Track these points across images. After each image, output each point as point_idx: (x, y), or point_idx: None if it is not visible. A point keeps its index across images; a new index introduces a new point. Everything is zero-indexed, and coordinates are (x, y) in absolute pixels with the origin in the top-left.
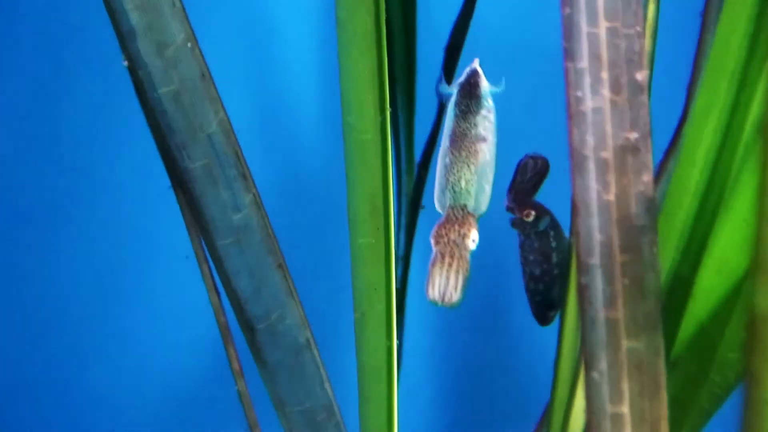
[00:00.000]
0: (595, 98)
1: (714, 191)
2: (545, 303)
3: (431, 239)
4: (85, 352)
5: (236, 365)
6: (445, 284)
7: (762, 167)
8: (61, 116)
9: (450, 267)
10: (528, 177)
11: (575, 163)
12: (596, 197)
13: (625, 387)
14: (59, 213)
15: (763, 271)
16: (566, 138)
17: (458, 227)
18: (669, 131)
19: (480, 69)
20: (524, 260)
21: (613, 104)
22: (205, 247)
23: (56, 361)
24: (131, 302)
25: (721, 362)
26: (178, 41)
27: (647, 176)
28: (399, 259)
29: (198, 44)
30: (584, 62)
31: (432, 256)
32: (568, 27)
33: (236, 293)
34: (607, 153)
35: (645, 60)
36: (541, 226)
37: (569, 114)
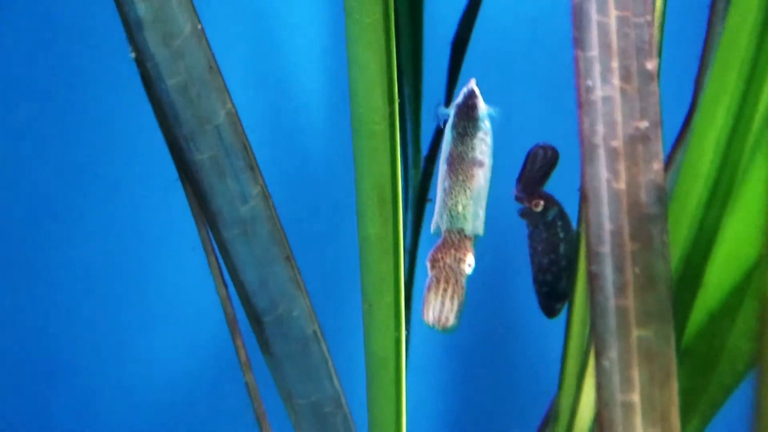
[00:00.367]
0: (605, 87)
1: (724, 180)
2: (553, 294)
3: (427, 263)
4: (91, 343)
5: (243, 356)
6: (441, 309)
7: None
8: (68, 108)
9: (445, 292)
10: (537, 167)
11: (585, 152)
12: (606, 186)
13: (636, 375)
14: (65, 205)
15: None
16: (576, 129)
17: (454, 251)
18: (678, 121)
19: (477, 89)
20: (532, 251)
21: (623, 93)
22: (212, 239)
23: (62, 351)
24: (137, 294)
25: (732, 352)
26: (186, 32)
27: (657, 165)
28: (406, 253)
29: (206, 35)
30: (594, 51)
31: (428, 281)
32: (578, 16)
33: (243, 285)
34: (617, 142)
35: (655, 49)
36: (550, 217)
37: (579, 103)
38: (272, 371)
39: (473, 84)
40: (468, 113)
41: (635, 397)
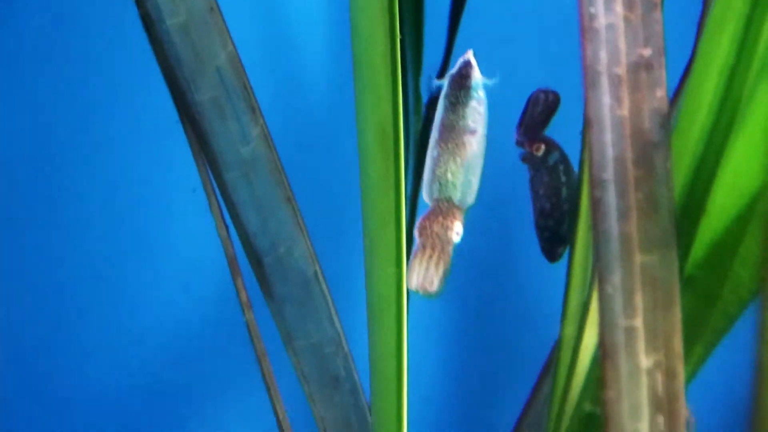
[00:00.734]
0: (609, 15)
1: (728, 107)
2: (554, 239)
3: (415, 231)
4: (92, 284)
5: (244, 296)
6: (424, 275)
7: None
8: (67, 49)
9: (430, 259)
10: (539, 111)
11: (588, 79)
12: (609, 112)
13: (639, 301)
14: (64, 147)
15: None
16: (578, 76)
17: (442, 219)
18: (686, 52)
19: (473, 60)
20: (534, 195)
21: (627, 21)
22: (213, 180)
23: (63, 293)
24: (138, 234)
25: (735, 280)
26: None
27: (661, 92)
28: (407, 200)
29: None
30: None
31: (414, 247)
32: None
33: (244, 226)
34: (621, 69)
35: None
36: (551, 161)
37: (582, 30)
38: (273, 312)
39: (470, 54)
40: (461, 82)
41: (638, 323)
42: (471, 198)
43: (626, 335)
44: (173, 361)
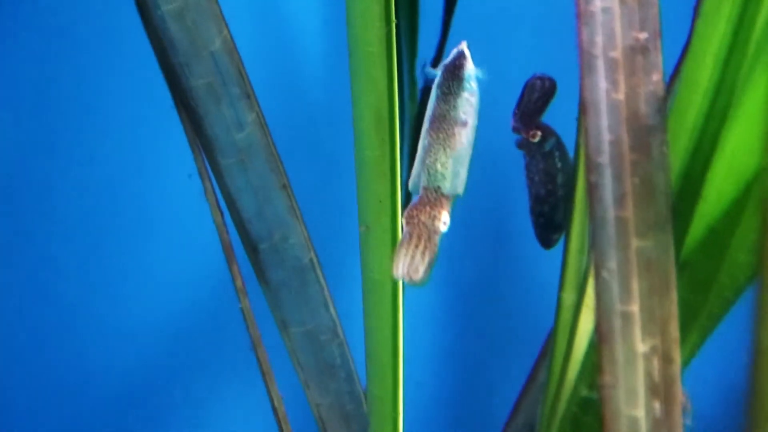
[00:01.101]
0: None
1: (725, 90)
2: (549, 225)
3: (403, 220)
4: (87, 270)
5: (239, 283)
6: (410, 263)
7: None
8: (62, 35)
9: (416, 248)
10: (535, 97)
11: (584, 63)
12: (605, 96)
13: (635, 286)
14: (60, 132)
15: None
16: (574, 62)
17: (430, 209)
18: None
19: (467, 51)
20: (529, 181)
21: (623, 4)
22: (209, 166)
23: (59, 278)
24: (133, 221)
25: (731, 264)
26: None
27: (657, 76)
28: (403, 184)
29: None
30: None
31: (401, 236)
32: None
33: (239, 213)
34: (617, 53)
35: None
36: (547, 147)
37: (578, 13)
38: (268, 299)
39: (464, 46)
40: (454, 73)
41: (634, 308)
42: (459, 188)
43: (623, 320)
44: (169, 348)
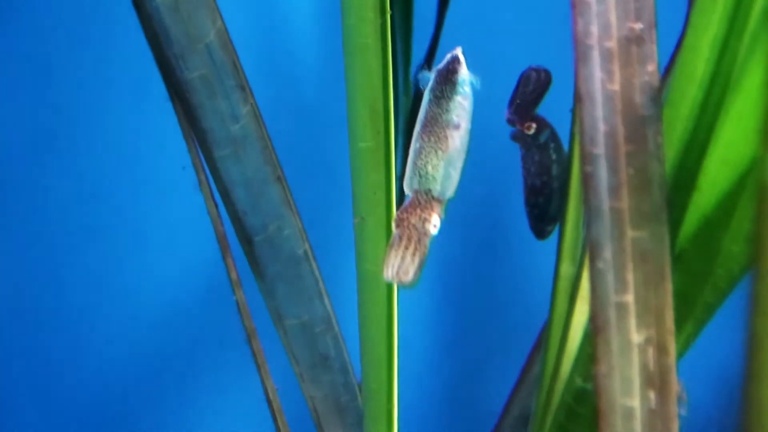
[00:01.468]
0: None
1: (720, 81)
2: (544, 216)
3: (393, 222)
4: (82, 261)
5: (234, 275)
6: (399, 265)
7: None
8: (56, 28)
9: (406, 250)
10: (530, 89)
11: (579, 54)
12: (601, 87)
13: (630, 276)
14: (54, 125)
15: None
16: (568, 54)
17: (420, 211)
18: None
19: (462, 57)
20: (525, 173)
21: None
22: (203, 158)
23: (54, 270)
24: (128, 213)
25: (726, 255)
26: None
27: (652, 67)
28: (398, 179)
29: None
30: None
31: (392, 238)
32: None
33: (234, 204)
34: (612, 43)
35: None
36: (542, 139)
37: (573, 4)
38: (263, 292)
39: (458, 51)
40: (447, 77)
41: (629, 298)
42: (450, 191)
43: (618, 311)
44: (163, 340)
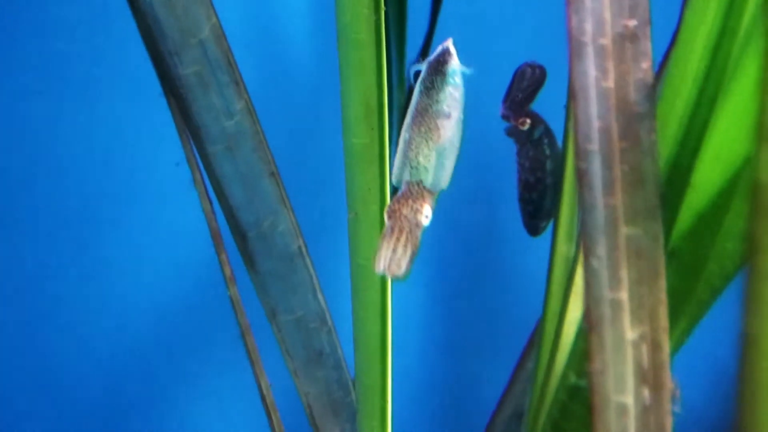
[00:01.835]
0: None
1: (714, 78)
2: (537, 213)
3: (385, 214)
4: (76, 257)
5: (228, 271)
6: (391, 257)
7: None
8: (49, 23)
9: (398, 241)
10: (525, 85)
11: (573, 50)
12: (595, 84)
13: (624, 273)
14: (48, 120)
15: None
16: (564, 44)
17: (412, 202)
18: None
19: (453, 48)
20: (519, 168)
21: None
22: (197, 154)
23: (46, 266)
24: (122, 208)
25: (720, 252)
26: None
27: (646, 63)
28: (391, 172)
29: None
30: None
31: (384, 230)
32: None
33: (228, 200)
34: (606, 40)
35: None
36: (536, 135)
37: (568, 1)
38: (257, 288)
39: (449, 43)
40: (438, 68)
41: (624, 295)
42: (444, 182)
43: (611, 308)
44: (157, 336)
